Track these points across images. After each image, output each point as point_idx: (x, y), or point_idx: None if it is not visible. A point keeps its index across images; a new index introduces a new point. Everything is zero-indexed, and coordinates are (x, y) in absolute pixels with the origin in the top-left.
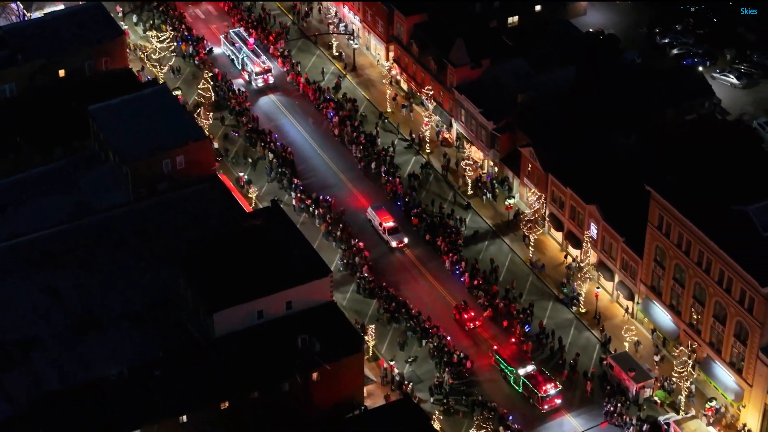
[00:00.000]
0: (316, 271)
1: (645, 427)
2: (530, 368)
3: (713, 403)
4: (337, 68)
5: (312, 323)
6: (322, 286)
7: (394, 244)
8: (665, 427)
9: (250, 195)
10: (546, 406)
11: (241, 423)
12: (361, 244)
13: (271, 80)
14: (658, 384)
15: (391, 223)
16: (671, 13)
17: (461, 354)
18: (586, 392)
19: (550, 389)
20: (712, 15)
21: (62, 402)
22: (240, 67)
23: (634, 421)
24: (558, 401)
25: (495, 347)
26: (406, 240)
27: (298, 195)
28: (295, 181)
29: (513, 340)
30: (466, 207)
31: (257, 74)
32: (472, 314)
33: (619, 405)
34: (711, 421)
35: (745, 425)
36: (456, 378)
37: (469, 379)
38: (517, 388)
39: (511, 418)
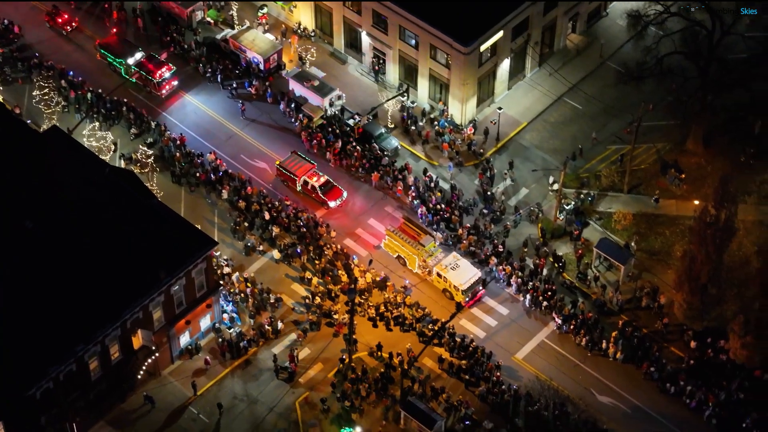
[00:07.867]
0: None
1: (202, 50)
2: (139, 56)
3: (264, 11)
4: None
5: None
6: None
7: None
8: (224, 44)
9: None
10: (164, 91)
11: None
12: None
13: None
14: (207, 4)
15: None
16: None
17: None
18: (139, 29)
19: (165, 73)
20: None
21: None
22: None
23: (193, 46)
24: (175, 83)
25: (98, 42)
26: None
27: None
28: None
29: (114, 30)
30: None
31: None
32: (66, 17)
33: (176, 34)
34: (267, 28)
35: (299, 23)
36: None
37: (21, 44)
38: (130, 79)
39: (71, 73)
